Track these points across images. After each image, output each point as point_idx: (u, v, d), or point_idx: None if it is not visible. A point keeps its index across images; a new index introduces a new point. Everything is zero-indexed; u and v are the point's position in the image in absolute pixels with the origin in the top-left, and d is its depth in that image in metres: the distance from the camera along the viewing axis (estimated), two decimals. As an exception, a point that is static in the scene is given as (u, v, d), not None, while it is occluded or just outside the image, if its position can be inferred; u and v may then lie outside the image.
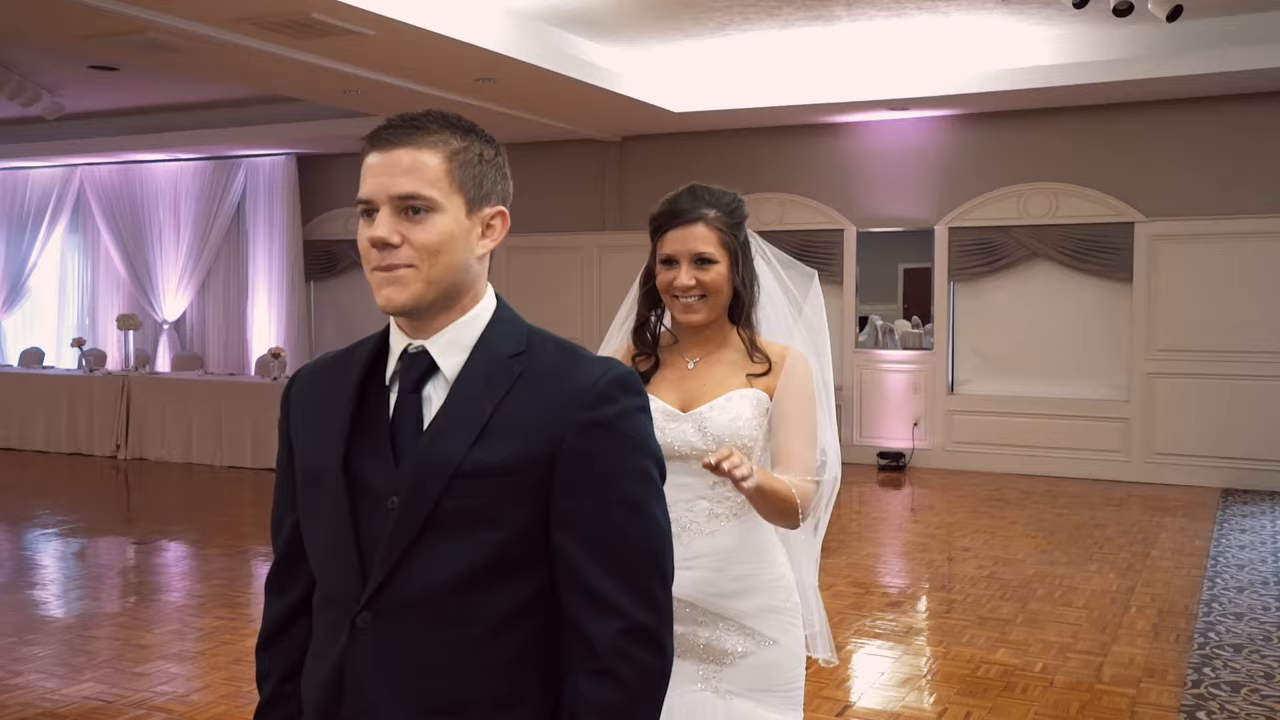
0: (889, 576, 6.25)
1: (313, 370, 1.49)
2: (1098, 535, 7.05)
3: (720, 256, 2.12)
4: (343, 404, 1.38)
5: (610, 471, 1.33)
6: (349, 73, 7.61)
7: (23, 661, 4.53)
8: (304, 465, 1.42)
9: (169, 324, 12.54)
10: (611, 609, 1.31)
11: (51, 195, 13.15)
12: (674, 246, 2.13)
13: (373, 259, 1.34)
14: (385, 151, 1.34)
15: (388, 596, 1.32)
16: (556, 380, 1.35)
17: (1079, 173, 9.15)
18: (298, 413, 1.46)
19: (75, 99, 10.28)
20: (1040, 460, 9.27)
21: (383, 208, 1.33)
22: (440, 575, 1.31)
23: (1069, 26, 7.91)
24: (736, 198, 2.20)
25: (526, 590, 1.34)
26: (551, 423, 1.32)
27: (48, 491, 8.85)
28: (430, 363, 1.37)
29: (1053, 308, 9.37)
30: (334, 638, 1.35)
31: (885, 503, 8.58)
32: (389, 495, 1.32)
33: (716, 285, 2.12)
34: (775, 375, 2.15)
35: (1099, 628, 5.07)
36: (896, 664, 4.62)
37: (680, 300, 2.13)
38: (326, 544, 1.38)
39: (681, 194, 2.16)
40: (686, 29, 7.97)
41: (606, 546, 1.32)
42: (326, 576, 1.39)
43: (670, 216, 2.14)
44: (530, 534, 1.33)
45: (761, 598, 2.12)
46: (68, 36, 6.93)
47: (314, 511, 1.40)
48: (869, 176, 9.92)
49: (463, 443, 1.31)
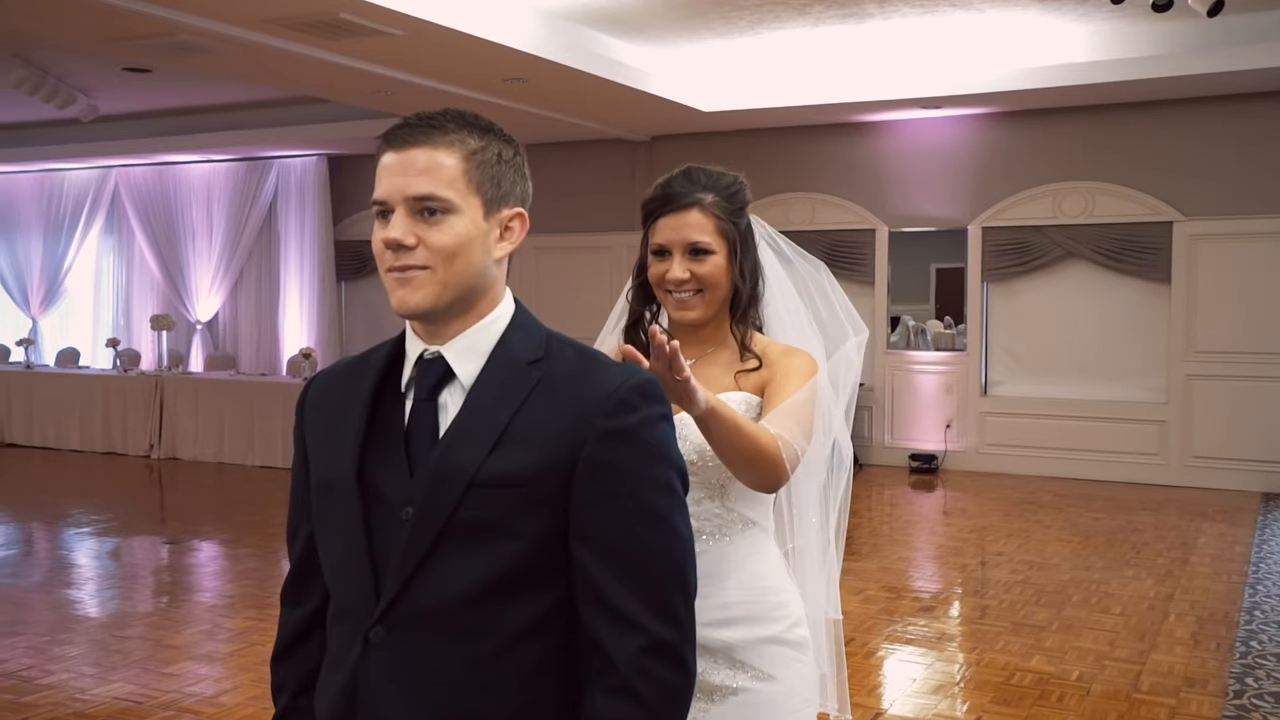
0: (921, 581, 6.17)
1: (328, 376, 1.46)
2: (1135, 540, 6.93)
3: (717, 246, 1.89)
4: (357, 411, 1.35)
5: (631, 481, 1.29)
6: (378, 73, 7.62)
7: (55, 661, 4.56)
8: (318, 474, 1.39)
9: (202, 324, 12.63)
10: (631, 624, 1.27)
11: (87, 197, 13.28)
12: (666, 235, 1.90)
13: (387, 260, 1.30)
14: (401, 151, 1.30)
15: (401, 610, 1.28)
16: (575, 387, 1.31)
17: (1115, 171, 9.01)
18: (312, 419, 1.43)
19: (109, 101, 10.37)
20: (1075, 463, 9.14)
21: (398, 209, 1.30)
22: (455, 588, 1.27)
23: (1106, 23, 7.79)
24: (737, 180, 1.97)
25: (544, 603, 1.30)
26: (570, 431, 1.28)
27: (83, 490, 8.93)
28: (446, 369, 1.34)
29: (1088, 308, 9.24)
30: (347, 651, 1.32)
31: (917, 505, 8.49)
32: (403, 505, 1.29)
33: (714, 278, 1.89)
34: (766, 370, 1.90)
35: (1137, 635, 4.97)
36: (929, 670, 4.56)
37: (674, 295, 1.90)
38: (340, 555, 1.34)
39: (675, 177, 1.93)
40: (717, 28, 7.92)
41: (626, 559, 1.28)
42: (340, 588, 1.36)
43: (662, 201, 1.91)
44: (548, 545, 1.29)
45: (758, 628, 1.85)
46: (99, 39, 6.98)
47: (328, 521, 1.37)
48: (901, 176, 9.82)
49: (479, 452, 1.28)
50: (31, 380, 11.16)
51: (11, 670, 4.43)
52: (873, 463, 9.79)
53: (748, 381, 1.89)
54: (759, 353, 1.91)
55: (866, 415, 9.89)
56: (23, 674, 4.38)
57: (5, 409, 11.10)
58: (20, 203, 13.68)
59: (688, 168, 1.94)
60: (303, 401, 1.47)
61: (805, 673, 1.89)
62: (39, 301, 13.66)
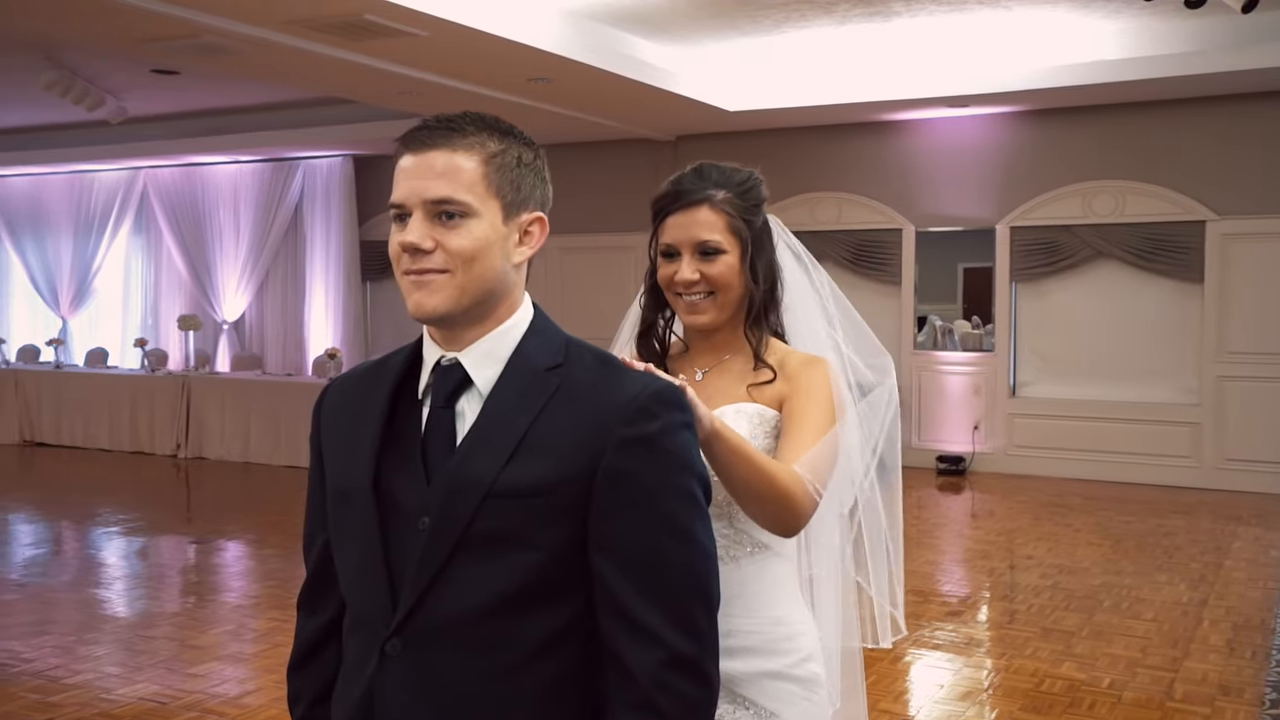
0: (948, 584, 6.11)
1: (344, 382, 1.44)
2: (1167, 544, 6.84)
3: (729, 245, 1.76)
4: (374, 419, 1.33)
5: (651, 491, 1.26)
6: (403, 74, 7.62)
7: (82, 660, 4.58)
8: (334, 482, 1.37)
9: (228, 324, 12.70)
10: (652, 637, 1.24)
11: (116, 197, 13.39)
12: (674, 234, 1.78)
13: (403, 264, 1.28)
14: (419, 154, 1.28)
15: (418, 622, 1.26)
16: (595, 394, 1.28)
17: (1146, 170, 8.89)
18: (329, 427, 1.41)
19: (138, 103, 10.43)
20: (1105, 465, 9.03)
21: (415, 212, 1.27)
22: (472, 600, 1.24)
23: (1135, 20, 7.68)
24: (752, 176, 1.84)
25: (563, 616, 1.27)
26: (589, 440, 1.25)
27: (111, 490, 8.99)
28: (463, 376, 1.31)
29: (1119, 309, 9.12)
30: (363, 663, 1.30)
31: (944, 507, 8.41)
32: (420, 515, 1.26)
33: (725, 280, 1.76)
34: (785, 384, 1.75)
35: (1170, 642, 4.89)
36: (957, 676, 4.50)
37: (684, 298, 1.78)
38: (356, 565, 1.32)
39: (686, 173, 1.82)
40: (742, 27, 7.88)
41: (647, 571, 1.25)
42: (356, 598, 1.34)
43: (671, 198, 1.79)
44: (567, 557, 1.26)
45: (763, 661, 1.70)
46: (127, 41, 7.01)
47: (344, 530, 1.35)
48: (928, 175, 9.74)
49: (496, 461, 1.25)
50: (61, 380, 11.26)
51: (39, 669, 4.45)
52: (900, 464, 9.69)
53: (762, 394, 1.76)
54: (777, 363, 1.78)
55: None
56: (50, 673, 4.40)
57: (35, 408, 11.20)
58: (51, 204, 13.81)
59: (700, 164, 1.83)
60: (319, 408, 1.44)
61: (814, 712, 1.75)
62: (69, 301, 13.79)
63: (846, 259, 9.98)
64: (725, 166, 1.83)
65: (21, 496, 8.67)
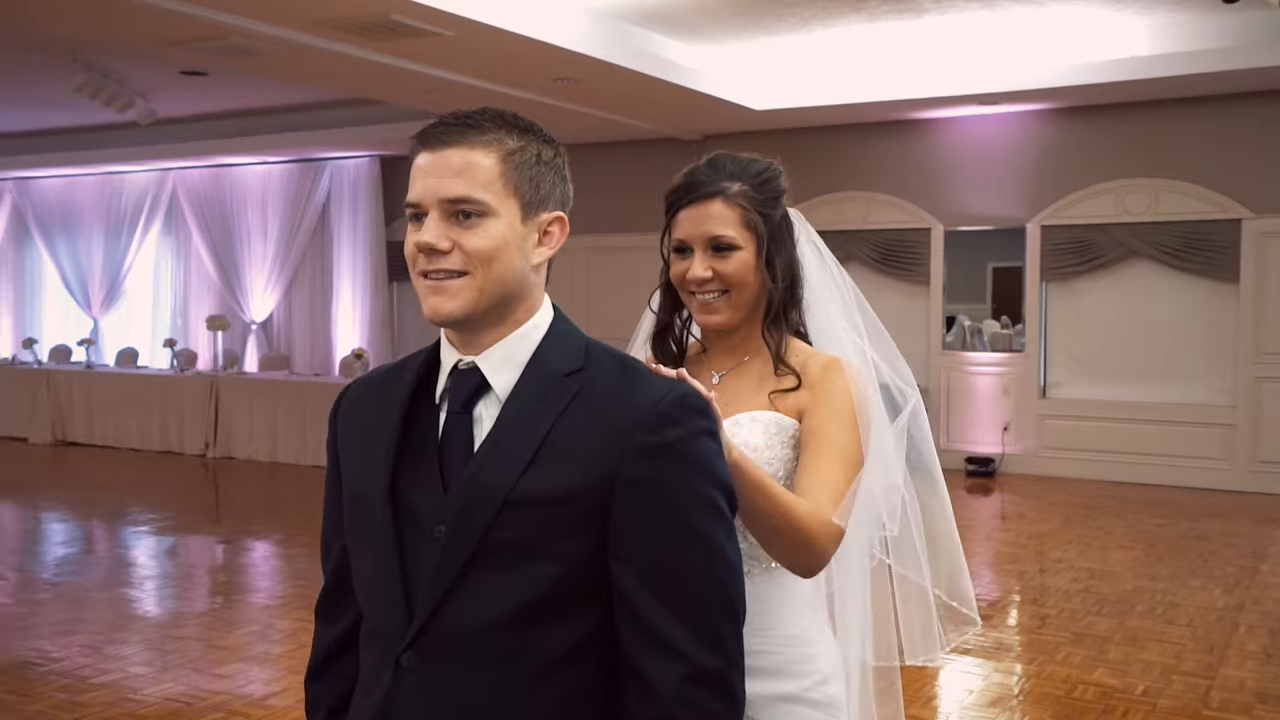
0: (978, 588, 5.98)
1: (361, 387, 1.40)
2: (1201, 548, 6.73)
3: (743, 240, 1.66)
4: (390, 424, 1.29)
5: (673, 500, 1.21)
6: (429, 74, 7.63)
7: (110, 660, 4.59)
8: (350, 488, 1.34)
9: (257, 324, 12.77)
10: (674, 651, 1.19)
11: (146, 198, 13.50)
12: (686, 229, 1.67)
13: (419, 264, 1.25)
14: (435, 151, 1.24)
15: (433, 634, 1.23)
16: (615, 400, 1.24)
17: (1180, 168, 8.77)
18: (345, 432, 1.38)
19: (167, 104, 10.51)
20: (1137, 467, 8.90)
21: (432, 211, 1.24)
22: (489, 612, 1.21)
23: (1168, 15, 7.57)
24: (771, 168, 1.74)
25: (582, 628, 1.23)
26: (609, 447, 1.21)
27: (141, 489, 9.05)
28: (481, 380, 1.27)
29: (1152, 308, 9.00)
30: (379, 676, 1.26)
31: (973, 510, 8.32)
32: (436, 524, 1.23)
33: (739, 277, 1.65)
34: (807, 392, 1.64)
35: (1205, 648, 4.80)
36: (986, 682, 4.43)
37: (697, 297, 1.68)
38: (372, 574, 1.29)
39: (700, 164, 1.71)
40: (769, 25, 7.82)
41: (669, 582, 1.20)
42: (372, 608, 1.30)
43: (684, 191, 1.68)
44: (586, 568, 1.22)
45: (777, 683, 1.59)
46: (155, 43, 7.06)
47: (360, 538, 1.32)
48: (957, 174, 9.65)
49: (514, 468, 1.21)
50: (92, 380, 11.35)
51: (67, 669, 4.47)
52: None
53: (784, 401, 1.64)
54: (799, 366, 1.67)
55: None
56: (78, 673, 4.42)
57: (67, 408, 11.30)
58: (82, 205, 13.95)
59: (715, 154, 1.72)
60: (335, 413, 1.41)
61: None
62: (100, 302, 13.91)
63: (874, 259, 9.91)
64: (742, 157, 1.72)
65: (54, 495, 8.75)
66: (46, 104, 10.90)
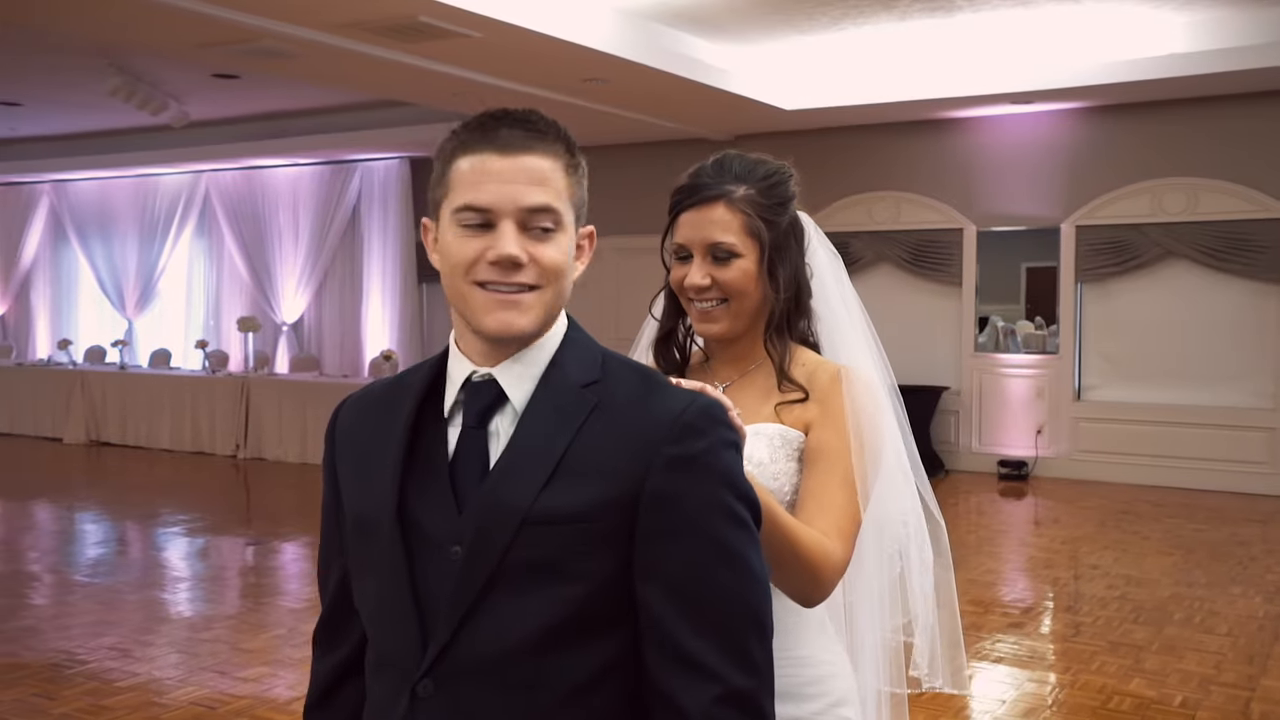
0: (1010, 594, 5.93)
1: (360, 400, 1.34)
2: (1241, 554, 6.59)
3: (745, 248, 1.57)
4: (395, 441, 1.23)
5: (699, 514, 1.16)
6: (457, 75, 7.62)
7: (137, 662, 4.61)
8: (353, 509, 1.26)
9: (288, 326, 12.84)
10: (704, 672, 1.14)
11: (180, 201, 13.61)
12: (686, 233, 1.60)
13: (485, 274, 1.18)
14: (510, 156, 1.17)
15: (452, 661, 1.16)
16: (636, 412, 1.19)
17: (1220, 166, 8.60)
18: (344, 448, 1.31)
19: (200, 107, 10.59)
20: (1175, 471, 8.74)
21: (507, 220, 1.17)
22: (510, 636, 1.15)
23: (1207, 11, 7.43)
24: (781, 170, 1.63)
25: (608, 651, 1.18)
26: (632, 459, 1.16)
27: (172, 490, 9.12)
28: (499, 393, 1.22)
29: (1190, 310, 8.84)
30: (391, 706, 1.20)
31: (1006, 514, 8.20)
32: (451, 545, 1.17)
33: (740, 286, 1.57)
34: (816, 406, 1.56)
35: (1245, 658, 4.69)
36: (1019, 692, 4.35)
37: (696, 304, 1.60)
38: (380, 599, 1.22)
39: (707, 164, 1.63)
40: (799, 24, 7.75)
41: (696, 600, 1.16)
42: (380, 636, 1.24)
43: (686, 193, 1.61)
44: (610, 587, 1.17)
45: (786, 707, 1.49)
46: (187, 46, 7.10)
47: (365, 562, 1.25)
48: (991, 173, 9.53)
49: (533, 485, 1.16)
50: (125, 381, 11.46)
51: (95, 671, 4.49)
52: (959, 469, 9.51)
53: (790, 414, 1.57)
54: (807, 377, 1.59)
55: (953, 420, 9.62)
56: (105, 675, 4.43)
57: (101, 409, 11.41)
58: (117, 207, 14.09)
59: (722, 155, 1.64)
60: (332, 429, 1.34)
61: None
62: (134, 303, 14.04)
63: (906, 259, 9.81)
64: (751, 158, 1.63)
65: (88, 496, 8.83)
66: (82, 107, 11.01)
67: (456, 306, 1.22)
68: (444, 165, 1.22)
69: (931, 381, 9.58)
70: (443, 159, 1.22)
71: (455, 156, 1.20)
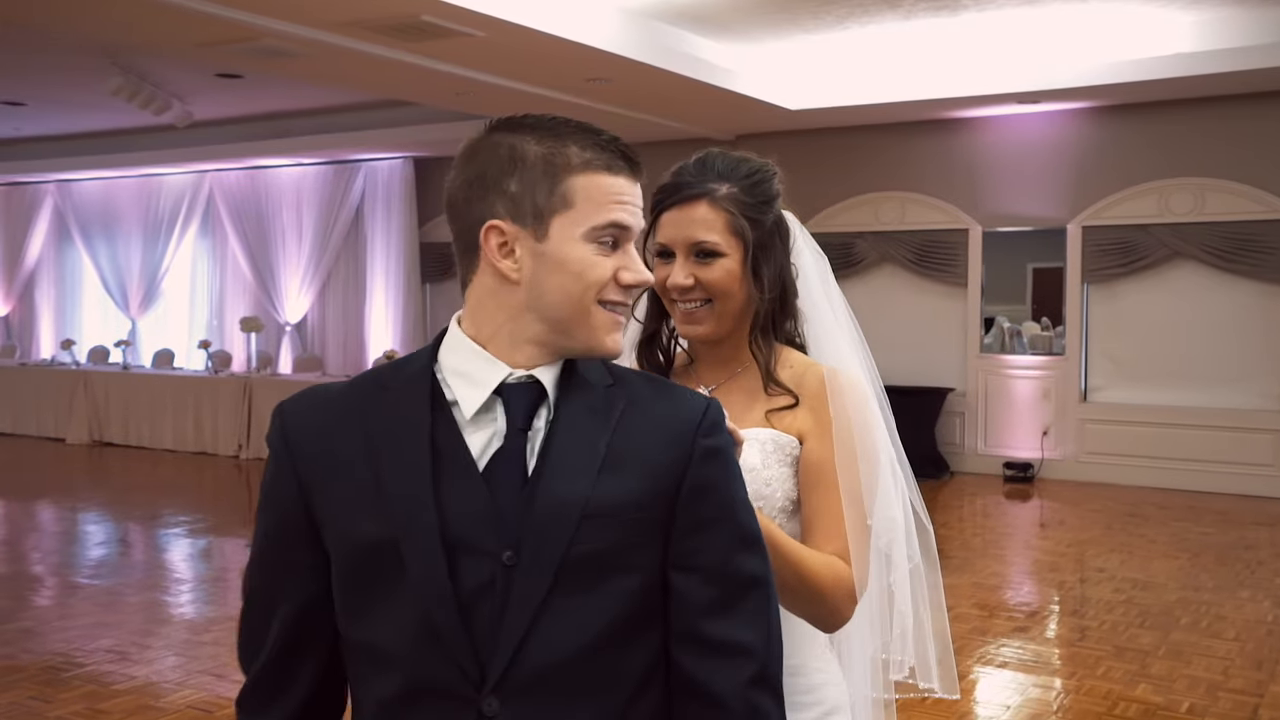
0: (1015, 598, 5.89)
1: (320, 409, 1.21)
2: (1249, 558, 6.53)
3: (728, 247, 1.54)
4: (413, 447, 1.15)
5: (731, 503, 1.21)
6: (460, 75, 7.59)
7: (135, 665, 4.58)
8: (358, 535, 1.15)
9: (291, 326, 12.81)
10: (738, 657, 1.18)
11: (184, 201, 13.59)
12: (669, 232, 1.56)
13: (617, 295, 1.24)
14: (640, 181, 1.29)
15: (518, 674, 1.11)
16: (665, 408, 1.22)
17: (1227, 166, 8.54)
18: (320, 465, 1.18)
19: (203, 107, 10.56)
20: (1182, 474, 8.68)
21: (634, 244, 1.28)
22: (577, 638, 1.13)
23: (1213, 11, 7.38)
24: (764, 168, 1.60)
25: (654, 646, 1.19)
26: (671, 451, 1.19)
27: (175, 490, 9.10)
28: (540, 393, 1.19)
29: (1197, 311, 8.78)
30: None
31: (1012, 516, 8.15)
32: (500, 550, 1.12)
33: (724, 286, 1.54)
34: (807, 413, 1.53)
35: (1253, 663, 4.64)
36: (1024, 697, 4.30)
37: (679, 305, 1.57)
38: (416, 624, 1.12)
39: (689, 162, 1.59)
40: (804, 23, 7.71)
41: (729, 588, 1.19)
42: (418, 664, 1.13)
43: (668, 191, 1.57)
44: (658, 579, 1.19)
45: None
46: (189, 45, 7.07)
47: (381, 589, 1.14)
48: (996, 174, 9.47)
49: (586, 479, 1.15)
50: (128, 381, 11.45)
51: (93, 674, 4.46)
52: (965, 471, 9.46)
53: (781, 421, 1.54)
54: (794, 381, 1.56)
55: (958, 422, 9.57)
56: (103, 678, 4.41)
57: (104, 409, 11.40)
58: (121, 207, 14.07)
59: (705, 152, 1.60)
60: (285, 441, 1.19)
61: None
62: (138, 303, 14.03)
63: (911, 260, 9.76)
64: (734, 156, 1.60)
65: (90, 496, 8.81)
66: (86, 107, 11.00)
67: (563, 318, 1.18)
68: (563, 177, 1.18)
69: (936, 383, 9.53)
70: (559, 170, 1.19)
71: (583, 172, 1.19)
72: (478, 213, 1.19)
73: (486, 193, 1.19)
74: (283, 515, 1.20)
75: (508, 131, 1.20)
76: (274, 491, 1.20)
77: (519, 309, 1.19)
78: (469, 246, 1.21)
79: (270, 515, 1.21)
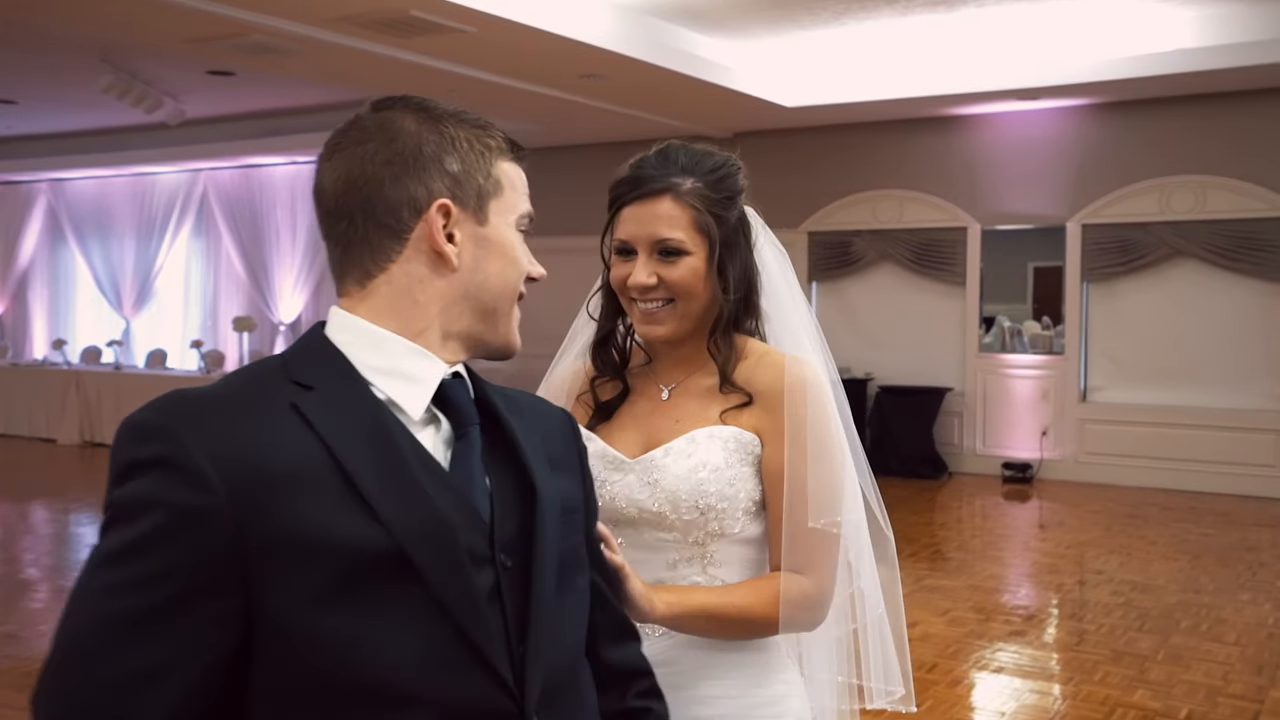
0: (1013, 600, 5.80)
1: (224, 417, 0.97)
2: (1250, 560, 6.45)
3: (694, 245, 1.47)
4: (390, 451, 1.00)
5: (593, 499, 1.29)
6: (451, 71, 7.52)
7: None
8: (345, 550, 0.95)
9: (285, 325, 12.74)
10: (632, 632, 1.28)
11: (177, 199, 13.52)
12: (629, 229, 1.49)
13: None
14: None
15: (547, 685, 1.03)
16: (538, 409, 1.23)
17: (1229, 164, 8.46)
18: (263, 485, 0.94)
19: (196, 105, 10.49)
20: (1182, 474, 8.60)
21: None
22: (575, 639, 1.13)
23: (1214, 7, 7.30)
24: (729, 162, 1.55)
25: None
26: (567, 451, 1.21)
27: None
28: (467, 390, 1.12)
29: (1198, 310, 8.70)
30: None
31: (1010, 517, 8.07)
32: (497, 554, 1.02)
33: (687, 285, 1.47)
34: (763, 413, 1.49)
35: (1254, 668, 4.56)
36: (1019, 704, 4.22)
37: (639, 305, 1.50)
38: (442, 643, 0.97)
39: (650, 155, 1.53)
40: (801, 19, 7.63)
41: (607, 574, 1.28)
42: (449, 691, 0.98)
43: (629, 185, 1.50)
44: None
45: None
46: (180, 41, 7.01)
47: (386, 611, 0.96)
48: (995, 171, 9.40)
49: (545, 474, 1.12)
50: (120, 381, 11.36)
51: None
52: (963, 471, 9.38)
53: (739, 420, 1.49)
54: (749, 370, 1.51)
55: (957, 422, 9.49)
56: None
57: (96, 409, 11.32)
58: (114, 206, 14.00)
59: (666, 144, 1.54)
60: (195, 463, 0.92)
61: None
62: (131, 302, 13.96)
63: (909, 258, 9.68)
64: (697, 149, 1.55)
65: (81, 499, 8.72)
66: (78, 105, 10.93)
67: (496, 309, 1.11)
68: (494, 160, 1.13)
69: (935, 382, 9.45)
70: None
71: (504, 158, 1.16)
72: (409, 191, 1.06)
73: (422, 170, 1.06)
74: (192, 570, 0.92)
75: (421, 111, 1.10)
76: (178, 540, 0.91)
77: (452, 299, 1.08)
78: (384, 231, 1.07)
79: (168, 556, 0.91)
